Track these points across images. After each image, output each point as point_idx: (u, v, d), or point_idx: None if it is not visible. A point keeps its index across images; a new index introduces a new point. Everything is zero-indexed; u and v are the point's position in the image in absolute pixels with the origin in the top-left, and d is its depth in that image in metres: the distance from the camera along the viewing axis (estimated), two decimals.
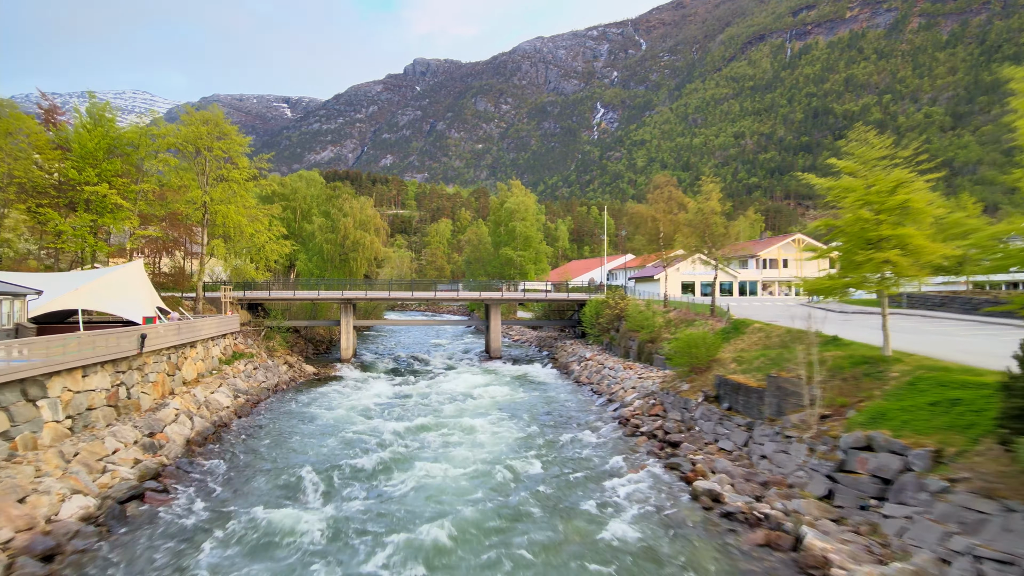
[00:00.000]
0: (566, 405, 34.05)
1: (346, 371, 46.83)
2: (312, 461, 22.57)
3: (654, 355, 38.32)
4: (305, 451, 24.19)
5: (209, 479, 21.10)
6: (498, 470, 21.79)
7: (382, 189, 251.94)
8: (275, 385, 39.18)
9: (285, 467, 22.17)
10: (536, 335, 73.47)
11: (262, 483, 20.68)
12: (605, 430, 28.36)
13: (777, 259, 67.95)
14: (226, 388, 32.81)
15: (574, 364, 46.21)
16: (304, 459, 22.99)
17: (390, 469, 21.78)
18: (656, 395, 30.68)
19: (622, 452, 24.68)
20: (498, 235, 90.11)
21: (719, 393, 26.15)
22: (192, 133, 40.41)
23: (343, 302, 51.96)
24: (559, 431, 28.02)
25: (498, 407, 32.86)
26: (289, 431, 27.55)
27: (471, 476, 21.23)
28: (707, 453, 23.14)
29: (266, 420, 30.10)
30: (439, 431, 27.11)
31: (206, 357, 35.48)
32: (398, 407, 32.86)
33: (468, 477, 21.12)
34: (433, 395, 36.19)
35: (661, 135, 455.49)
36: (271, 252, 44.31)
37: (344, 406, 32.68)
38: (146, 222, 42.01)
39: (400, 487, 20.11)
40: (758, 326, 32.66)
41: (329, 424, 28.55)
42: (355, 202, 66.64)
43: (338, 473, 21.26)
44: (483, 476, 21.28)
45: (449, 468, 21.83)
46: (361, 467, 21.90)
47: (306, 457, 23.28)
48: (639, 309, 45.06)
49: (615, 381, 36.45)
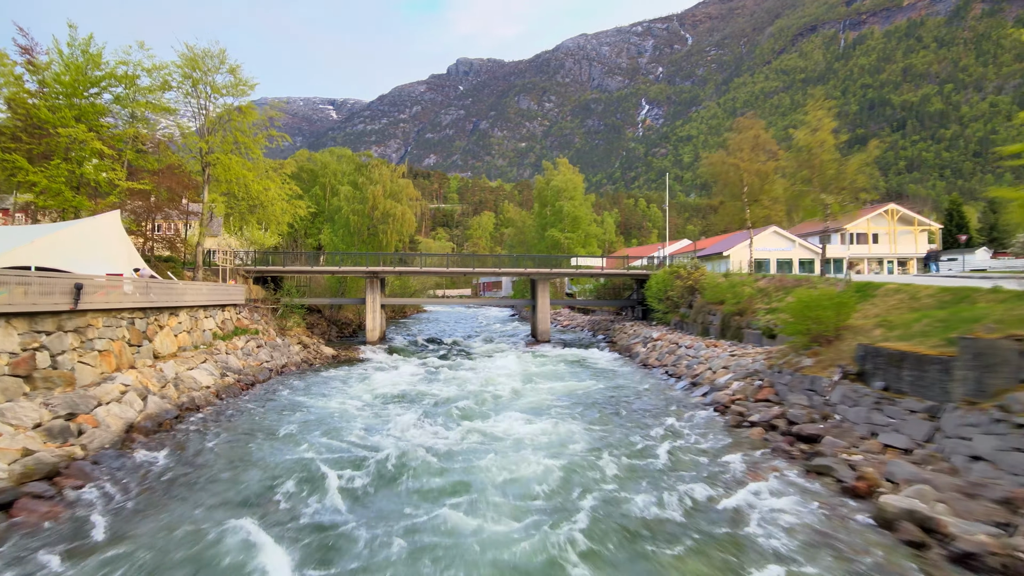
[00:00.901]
0: (639, 391, 26.49)
1: (370, 354, 40.12)
2: (288, 466, 15.28)
3: (744, 330, 30.60)
4: (286, 450, 16.83)
5: (132, 482, 14.26)
6: (572, 479, 14.56)
7: (424, 183, 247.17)
8: (281, 366, 32.65)
9: (245, 472, 15.01)
10: (588, 319, 65.79)
11: (202, 495, 13.66)
12: (699, 420, 20.83)
13: (866, 233, 59.11)
14: (211, 365, 26.25)
15: (638, 346, 38.64)
16: (280, 461, 15.71)
17: (396, 481, 14.49)
18: (761, 374, 23.02)
19: (733, 449, 17.13)
20: (544, 216, 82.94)
21: (864, 368, 18.43)
22: (189, 62, 34.28)
23: (368, 276, 45.29)
24: (640, 423, 20.51)
25: (554, 394, 25.37)
26: (276, 420, 20.56)
27: (532, 496, 13.91)
28: (868, 452, 15.49)
29: (253, 405, 23.33)
30: (476, 425, 19.67)
31: (193, 329, 29.05)
32: (425, 394, 25.58)
33: (529, 498, 13.77)
34: (470, 382, 28.88)
35: (708, 130, 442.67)
36: (280, 212, 37.72)
37: (359, 394, 25.48)
38: (137, 175, 35.93)
39: (412, 512, 13.03)
40: (892, 287, 24.76)
41: (332, 414, 21.30)
42: (385, 169, 59.98)
43: (317, 488, 13.95)
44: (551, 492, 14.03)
45: (497, 486, 14.52)
46: (355, 479, 14.62)
47: (283, 459, 15.92)
48: (716, 280, 37.39)
49: (697, 361, 28.78)
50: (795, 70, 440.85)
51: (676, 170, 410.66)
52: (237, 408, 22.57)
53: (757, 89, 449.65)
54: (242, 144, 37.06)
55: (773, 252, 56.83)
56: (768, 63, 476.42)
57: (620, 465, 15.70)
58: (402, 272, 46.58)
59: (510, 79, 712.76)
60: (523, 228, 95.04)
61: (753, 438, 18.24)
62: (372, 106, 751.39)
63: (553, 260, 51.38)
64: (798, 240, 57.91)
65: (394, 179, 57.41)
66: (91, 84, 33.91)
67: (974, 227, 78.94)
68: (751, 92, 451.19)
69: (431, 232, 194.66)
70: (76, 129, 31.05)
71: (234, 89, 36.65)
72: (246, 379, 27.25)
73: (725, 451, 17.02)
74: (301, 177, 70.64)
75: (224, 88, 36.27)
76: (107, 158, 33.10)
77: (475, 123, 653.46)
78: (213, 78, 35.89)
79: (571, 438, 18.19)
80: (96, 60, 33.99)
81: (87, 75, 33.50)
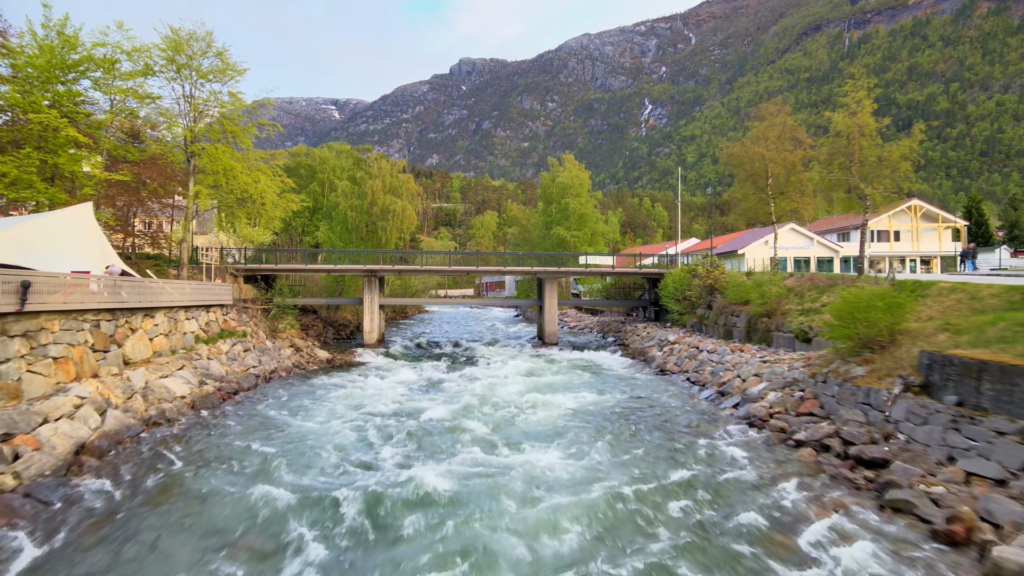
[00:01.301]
0: (661, 402, 23.94)
1: (367, 357, 37.65)
2: (244, 514, 12.31)
3: (773, 333, 28.05)
4: (247, 488, 13.65)
5: (61, 523, 11.75)
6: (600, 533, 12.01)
7: (426, 182, 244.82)
8: (270, 371, 30.18)
9: (193, 518, 12.30)
10: (597, 320, 63.20)
11: (135, 548, 11.19)
12: (735, 437, 18.28)
13: (888, 230, 56.45)
14: (189, 372, 23.76)
15: (653, 350, 36.09)
16: (237, 505, 12.77)
17: (377, 544, 11.64)
18: (802, 384, 20.48)
19: (783, 477, 14.60)
20: (549, 214, 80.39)
21: (930, 379, 15.93)
22: (173, 45, 31.86)
23: (366, 275, 42.78)
24: (669, 444, 17.92)
25: (566, 410, 22.45)
26: (248, 442, 17.83)
27: (555, 565, 11.37)
28: (950, 482, 12.99)
29: (229, 419, 20.80)
30: (479, 455, 16.67)
31: (172, 332, 26.58)
32: (421, 410, 22.86)
33: (551, 569, 11.24)
34: (472, 393, 26.29)
35: (712, 130, 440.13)
36: (271, 206, 35.18)
37: (347, 408, 22.69)
38: (116, 166, 33.44)
39: None
40: (945, 285, 22.21)
41: (313, 436, 18.44)
42: (384, 163, 57.38)
43: (273, 552, 11.04)
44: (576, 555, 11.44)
45: (507, 550, 11.56)
46: (324, 539, 11.87)
47: (242, 502, 12.85)
48: (738, 279, 34.87)
49: (723, 367, 26.21)
50: (799, 69, 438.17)
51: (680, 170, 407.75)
52: (210, 423, 20.04)
53: (761, 88, 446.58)
54: (230, 133, 34.67)
55: (790, 250, 54.23)
56: (772, 62, 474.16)
57: (656, 506, 13.10)
58: (401, 271, 44.03)
59: (513, 79, 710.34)
60: (527, 226, 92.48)
61: (803, 461, 15.71)
62: (375, 106, 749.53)
63: (560, 258, 48.81)
64: (816, 237, 55.33)
65: (394, 174, 54.80)
66: (67, 68, 31.47)
67: (994, 225, 76.28)
68: (755, 92, 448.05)
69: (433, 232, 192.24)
70: (48, 115, 28.58)
71: (221, 74, 34.25)
72: (228, 387, 24.75)
73: (775, 479, 14.47)
74: (299, 173, 68.18)
75: (210, 73, 33.85)
76: (83, 147, 30.66)
77: (478, 123, 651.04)
78: (199, 62, 33.48)
79: (592, 471, 15.50)
80: (72, 42, 31.51)
81: (62, 58, 31.05)
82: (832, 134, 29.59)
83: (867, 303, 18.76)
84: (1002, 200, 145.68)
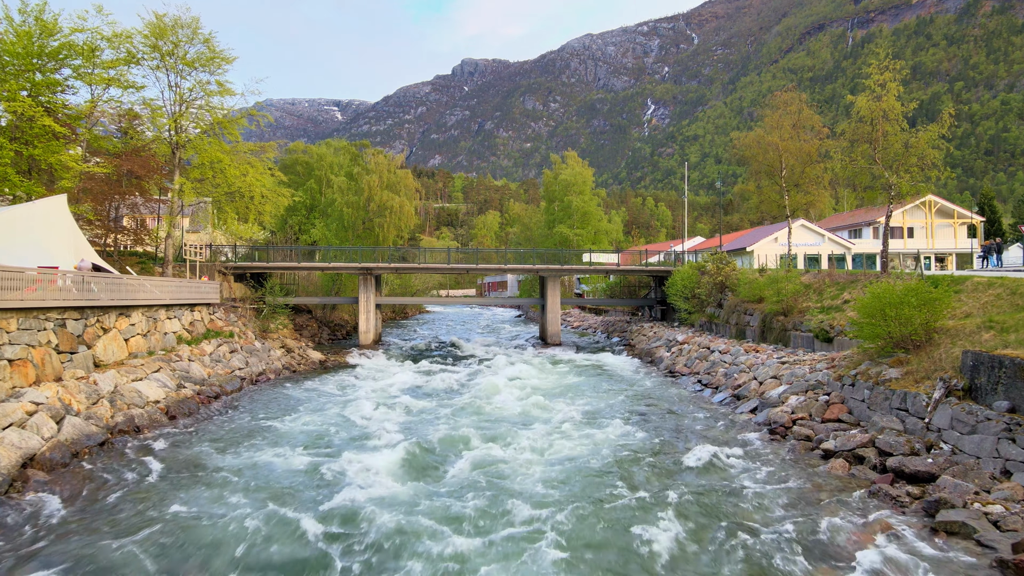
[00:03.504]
0: (671, 406, 22.26)
1: (362, 359, 36.02)
2: (196, 553, 10.38)
3: (790, 332, 26.38)
4: (204, 517, 11.77)
5: None
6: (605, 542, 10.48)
7: (428, 182, 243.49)
8: (257, 374, 28.60)
9: (154, 538, 10.81)
10: (601, 319, 61.52)
11: None
12: (756, 446, 16.65)
13: (902, 226, 54.70)
14: (166, 375, 22.18)
15: (660, 350, 34.44)
16: (188, 538, 10.94)
17: None
18: (827, 387, 18.81)
19: (816, 492, 12.96)
20: (551, 212, 78.77)
21: (976, 382, 14.29)
22: (155, 30, 30.36)
23: (361, 273, 41.18)
24: (682, 451, 16.23)
25: (572, 420, 20.21)
26: (217, 455, 16.01)
27: None
28: (1011, 500, 11.38)
29: (203, 428, 19.18)
30: (475, 481, 14.39)
31: (151, 332, 25.00)
32: (412, 424, 21.33)
33: None
34: (471, 402, 24.66)
35: (715, 130, 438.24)
36: (261, 201, 33.55)
37: (331, 418, 20.60)
38: (96, 158, 31.92)
39: None
40: (981, 280, 20.58)
41: (288, 454, 16.26)
42: (382, 158, 55.69)
43: None
44: None
45: None
46: None
47: (194, 535, 10.98)
48: (751, 276, 33.26)
49: (738, 369, 24.53)
50: (803, 69, 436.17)
51: (683, 170, 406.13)
52: (182, 431, 18.42)
53: (764, 88, 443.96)
54: (217, 124, 33.16)
55: (801, 247, 52.50)
56: (775, 62, 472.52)
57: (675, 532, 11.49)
58: (398, 269, 42.40)
59: (515, 79, 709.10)
60: (530, 225, 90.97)
61: (835, 473, 14.08)
62: (377, 107, 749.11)
63: (563, 256, 47.19)
64: (827, 234, 53.64)
65: (392, 169, 53.07)
66: (46, 56, 29.95)
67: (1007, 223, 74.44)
68: (758, 91, 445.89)
69: (435, 232, 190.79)
70: (21, 103, 27.08)
71: (208, 63, 32.70)
72: (209, 391, 23.16)
73: (807, 497, 12.83)
74: (296, 170, 66.66)
75: (197, 61, 32.30)
76: (60, 137, 29.16)
77: (480, 124, 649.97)
78: (184, 50, 31.94)
79: (598, 488, 13.95)
80: (51, 29, 29.99)
81: (40, 45, 29.54)
82: (854, 119, 27.92)
83: (899, 299, 17.11)
84: (1008, 199, 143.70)
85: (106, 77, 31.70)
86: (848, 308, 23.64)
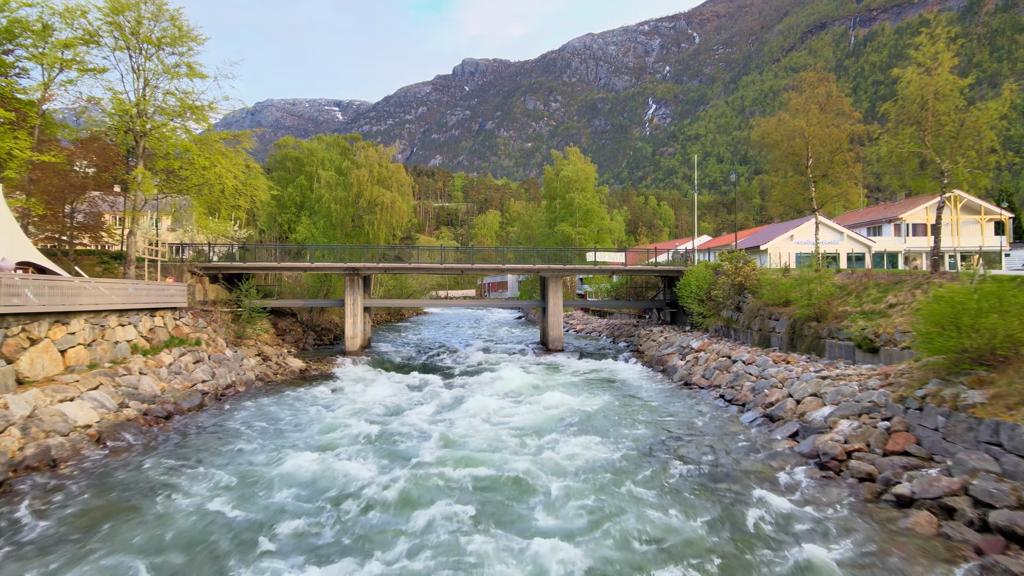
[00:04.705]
0: (693, 427, 19.11)
1: (347, 368, 32.92)
2: None
3: (825, 340, 23.27)
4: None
5: None
6: None
7: (428, 181, 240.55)
8: (224, 387, 25.50)
9: None
10: (605, 322, 58.29)
11: None
12: (805, 486, 13.54)
13: (924, 223, 51.54)
14: (107, 392, 19.07)
15: (673, 358, 31.29)
16: None
17: None
18: (885, 410, 15.69)
19: (903, 560, 9.87)
20: (553, 210, 75.80)
21: None
22: (116, 5, 27.30)
23: (347, 273, 38.06)
24: (716, 493, 13.13)
25: (583, 450, 16.69)
26: (146, 502, 12.98)
27: None
28: None
29: (145, 459, 16.01)
30: (462, 546, 11.76)
31: (96, 341, 21.91)
32: (401, 435, 18.19)
33: None
34: (465, 409, 21.64)
35: (716, 129, 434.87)
36: (232, 193, 30.36)
37: (295, 443, 17.55)
38: (48, 146, 28.82)
39: None
40: None
41: (236, 500, 13.27)
42: (372, 151, 52.50)
43: None
44: None
45: None
46: None
47: None
48: (773, 277, 30.19)
49: (768, 384, 21.37)
50: (805, 67, 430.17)
51: (685, 169, 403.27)
52: (107, 466, 15.30)
53: (766, 87, 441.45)
54: (187, 110, 30.08)
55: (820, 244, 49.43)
56: (777, 61, 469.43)
57: None
58: (387, 269, 39.20)
59: (516, 79, 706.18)
60: (530, 223, 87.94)
61: (920, 531, 10.96)
62: (378, 107, 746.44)
63: (566, 255, 44.07)
64: (847, 232, 50.50)
65: (383, 163, 49.88)
66: None
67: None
68: (760, 90, 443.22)
69: (434, 231, 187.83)
70: None
71: (175, 42, 29.60)
72: (159, 410, 20.07)
73: (895, 570, 9.71)
74: (286, 166, 63.58)
75: (162, 40, 29.21)
76: (7, 123, 26.10)
77: (481, 123, 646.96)
78: (149, 27, 28.85)
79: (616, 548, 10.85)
80: None
81: None
82: (901, 97, 24.75)
83: (978, 305, 14.02)
84: (1013, 194, 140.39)
85: (61, 58, 28.65)
86: (895, 313, 20.55)
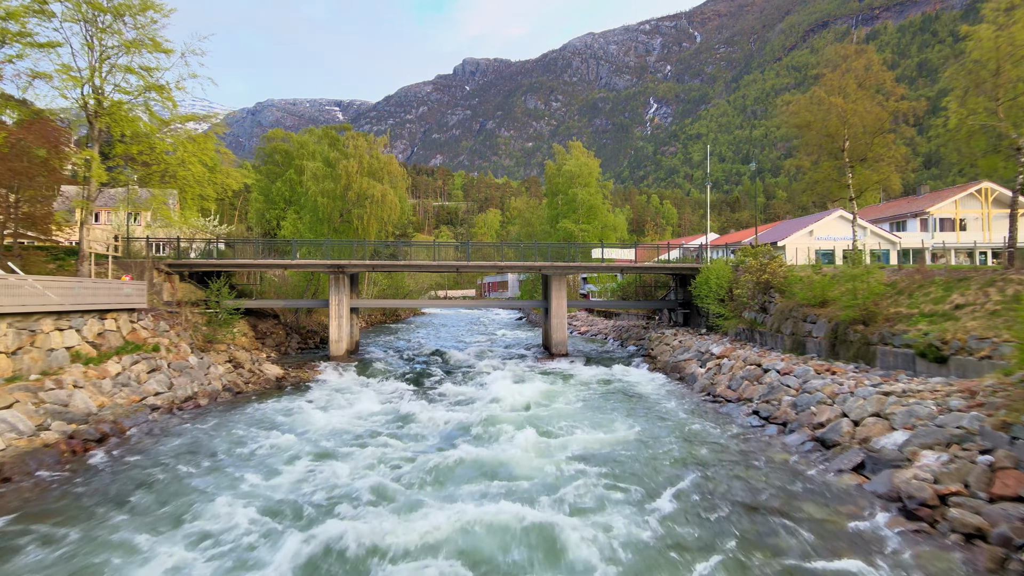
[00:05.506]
0: (728, 453, 15.97)
1: (328, 376, 29.69)
2: None
3: (876, 347, 20.03)
4: None
5: None
6: None
7: (428, 180, 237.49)
8: (183, 400, 22.33)
9: None
10: (612, 324, 54.92)
11: None
12: (893, 544, 10.33)
13: (953, 218, 48.35)
14: (23, 411, 15.87)
15: (691, 364, 28.06)
16: None
17: None
18: (981, 438, 12.48)
19: None
20: (555, 207, 72.72)
21: None
22: None
23: (332, 271, 34.83)
24: (776, 551, 10.10)
25: (599, 490, 13.23)
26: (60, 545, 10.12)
27: None
28: None
29: (47, 496, 12.96)
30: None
31: (25, 348, 18.69)
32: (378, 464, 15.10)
33: None
34: (456, 429, 18.42)
35: (718, 128, 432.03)
36: (200, 182, 27.09)
37: (247, 482, 13.91)
38: None
39: None
40: None
41: (193, 516, 10.64)
42: (362, 140, 49.28)
43: None
44: None
45: None
46: None
47: None
48: (803, 274, 27.00)
49: (813, 399, 18.06)
50: (807, 66, 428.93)
51: (686, 168, 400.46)
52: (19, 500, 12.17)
53: (768, 86, 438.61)
54: (149, 89, 26.87)
55: (838, 241, 46.26)
56: (779, 59, 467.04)
57: None
58: (375, 266, 35.89)
59: (517, 79, 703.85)
60: (531, 220, 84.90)
61: None
62: (378, 107, 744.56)
63: (569, 251, 40.87)
64: (870, 227, 47.28)
65: (374, 153, 46.65)
66: None
67: None
68: (761, 89, 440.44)
69: (434, 230, 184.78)
70: None
71: (136, 12, 26.39)
72: (91, 432, 16.85)
73: None
74: (275, 160, 60.63)
75: (120, 8, 25.99)
76: None
77: (482, 123, 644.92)
78: None
79: None
80: None
81: None
82: (969, 60, 21.45)
83: None
84: None
85: (5, 29, 25.43)
86: (965, 315, 17.35)
